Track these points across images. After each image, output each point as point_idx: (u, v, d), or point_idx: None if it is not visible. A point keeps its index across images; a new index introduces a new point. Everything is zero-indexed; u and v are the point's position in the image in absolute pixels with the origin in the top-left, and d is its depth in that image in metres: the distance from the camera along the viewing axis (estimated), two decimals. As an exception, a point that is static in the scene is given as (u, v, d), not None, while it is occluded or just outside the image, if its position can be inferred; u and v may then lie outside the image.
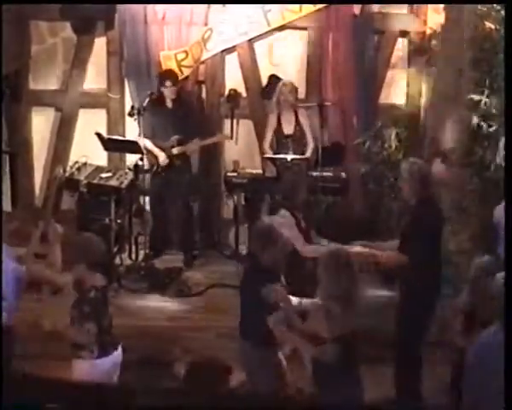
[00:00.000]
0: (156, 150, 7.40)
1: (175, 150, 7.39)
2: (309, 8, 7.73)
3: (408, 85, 7.97)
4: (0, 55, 7.17)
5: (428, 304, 5.35)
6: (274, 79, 7.95)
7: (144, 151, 7.29)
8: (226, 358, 5.16)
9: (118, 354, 4.88)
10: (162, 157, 7.38)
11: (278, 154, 7.40)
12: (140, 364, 5.52)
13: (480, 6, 6.76)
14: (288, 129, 7.49)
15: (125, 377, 4.90)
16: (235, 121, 7.82)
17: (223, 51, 7.93)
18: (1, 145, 7.84)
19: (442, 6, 7.32)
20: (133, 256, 7.44)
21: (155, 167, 7.44)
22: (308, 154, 7.42)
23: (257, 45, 8.00)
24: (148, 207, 7.58)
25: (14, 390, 1.95)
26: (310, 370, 4.57)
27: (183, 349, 6.09)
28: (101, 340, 4.74)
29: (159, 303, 6.80)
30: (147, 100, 7.26)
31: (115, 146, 7.63)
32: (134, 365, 5.35)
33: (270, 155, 7.47)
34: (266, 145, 7.53)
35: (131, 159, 7.62)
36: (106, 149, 7.62)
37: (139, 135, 7.21)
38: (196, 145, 7.55)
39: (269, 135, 7.53)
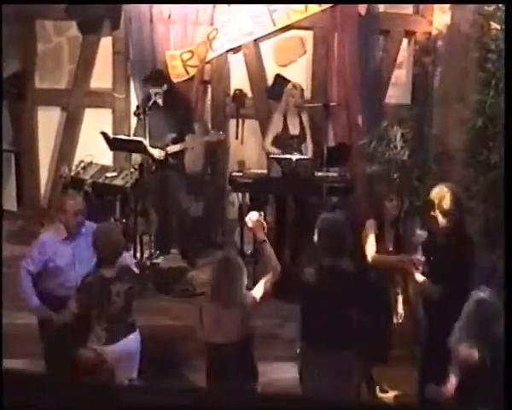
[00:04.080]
0: (150, 149, 7.29)
1: (170, 149, 7.34)
2: (314, 8, 7.74)
3: (413, 86, 7.96)
4: (0, 55, 7.19)
5: None
6: (279, 78, 7.96)
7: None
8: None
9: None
10: (157, 153, 7.27)
11: (282, 154, 7.39)
12: (144, 364, 5.51)
13: (485, 6, 6.75)
14: (294, 130, 7.48)
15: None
16: (240, 121, 7.83)
17: (228, 51, 7.94)
18: (1, 144, 7.86)
19: (448, 6, 7.32)
20: (138, 256, 7.45)
21: (147, 166, 7.37)
22: (308, 155, 7.39)
23: (262, 45, 8.01)
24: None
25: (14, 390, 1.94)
26: None
27: (187, 349, 6.10)
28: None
29: (163, 303, 6.80)
30: (152, 100, 7.29)
31: (120, 146, 7.62)
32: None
33: (272, 153, 7.45)
34: (267, 143, 7.49)
35: (137, 158, 7.63)
36: (111, 148, 7.61)
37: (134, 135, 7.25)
38: (189, 143, 7.38)
39: (271, 134, 7.48)
